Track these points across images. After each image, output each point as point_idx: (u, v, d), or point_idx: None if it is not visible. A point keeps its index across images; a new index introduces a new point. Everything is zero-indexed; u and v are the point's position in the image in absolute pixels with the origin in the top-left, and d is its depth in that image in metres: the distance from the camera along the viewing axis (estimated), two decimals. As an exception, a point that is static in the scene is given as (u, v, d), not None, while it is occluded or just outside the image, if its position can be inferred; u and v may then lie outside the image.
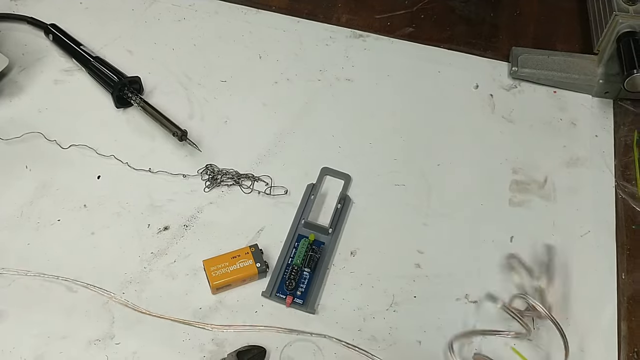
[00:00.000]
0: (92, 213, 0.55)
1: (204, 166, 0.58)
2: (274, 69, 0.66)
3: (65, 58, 0.65)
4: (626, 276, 0.54)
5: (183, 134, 0.58)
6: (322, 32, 0.69)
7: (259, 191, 0.57)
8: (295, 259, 0.53)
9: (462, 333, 0.50)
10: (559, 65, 0.65)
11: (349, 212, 0.57)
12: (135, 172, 0.58)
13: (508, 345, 0.50)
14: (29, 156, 0.58)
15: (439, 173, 0.60)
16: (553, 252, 0.55)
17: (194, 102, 0.63)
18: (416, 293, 0.53)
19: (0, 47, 0.64)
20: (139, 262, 0.53)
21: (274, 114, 0.63)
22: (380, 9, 0.72)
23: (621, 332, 0.51)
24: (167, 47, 0.67)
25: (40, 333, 0.49)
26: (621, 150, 0.61)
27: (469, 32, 0.71)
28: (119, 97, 0.61)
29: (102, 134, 0.60)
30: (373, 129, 0.62)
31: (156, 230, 0.55)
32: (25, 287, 0.51)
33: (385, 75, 0.66)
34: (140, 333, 0.49)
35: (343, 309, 0.51)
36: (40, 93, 0.63)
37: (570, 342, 0.50)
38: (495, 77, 0.67)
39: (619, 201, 0.58)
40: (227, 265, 0.51)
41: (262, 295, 0.51)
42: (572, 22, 0.72)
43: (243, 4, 0.71)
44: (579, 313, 0.52)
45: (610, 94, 0.65)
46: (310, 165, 0.59)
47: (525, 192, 0.59)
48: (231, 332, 0.49)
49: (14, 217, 0.55)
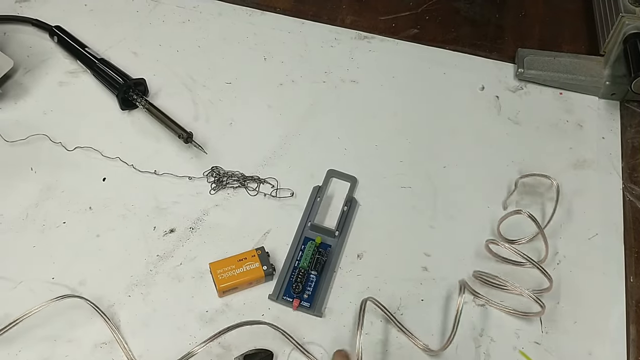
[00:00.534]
0: (97, 215, 0.55)
1: (209, 168, 0.58)
2: (278, 71, 0.66)
3: (70, 60, 0.65)
4: (634, 279, 0.54)
5: (188, 136, 0.58)
6: (327, 33, 0.69)
7: (265, 194, 0.57)
8: (301, 262, 0.53)
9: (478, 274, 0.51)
10: (565, 67, 0.65)
11: (355, 214, 0.57)
12: (141, 174, 0.58)
13: (516, 350, 0.50)
14: (34, 158, 0.58)
15: (445, 175, 0.59)
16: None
17: (199, 104, 0.63)
18: (423, 296, 0.52)
19: (5, 49, 0.64)
20: (144, 265, 0.53)
21: (279, 116, 0.63)
22: (385, 10, 0.72)
23: (630, 336, 0.51)
24: (171, 48, 0.67)
25: (46, 336, 0.49)
26: (628, 152, 0.61)
27: (474, 33, 0.70)
28: (124, 99, 0.61)
29: (107, 136, 0.60)
30: (378, 131, 0.62)
31: (162, 232, 0.54)
32: (30, 290, 0.51)
33: (391, 77, 0.66)
34: (146, 336, 0.49)
35: (350, 312, 0.51)
36: (45, 95, 0.63)
37: (578, 345, 0.50)
38: (501, 79, 0.66)
39: (627, 204, 0.58)
40: (234, 268, 0.51)
41: (269, 299, 0.51)
42: (578, 23, 0.71)
43: (247, 6, 0.71)
44: (587, 316, 0.52)
45: (617, 96, 0.65)
46: (316, 167, 0.59)
47: (532, 194, 0.58)
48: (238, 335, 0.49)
49: (19, 219, 0.55)
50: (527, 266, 0.52)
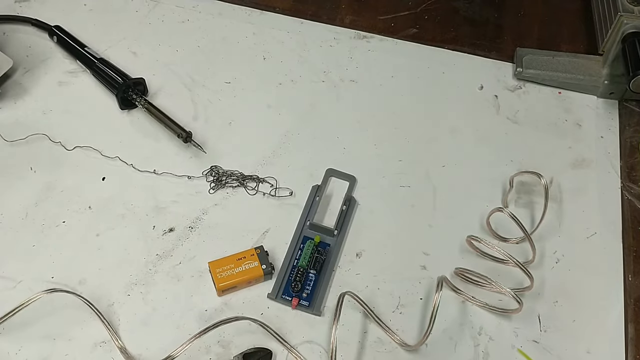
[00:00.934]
0: (97, 215, 0.55)
1: (208, 168, 0.58)
2: (278, 71, 0.66)
3: (69, 60, 0.65)
4: (633, 278, 0.54)
5: (188, 136, 0.58)
6: (326, 33, 0.69)
7: (264, 192, 0.57)
8: (300, 261, 0.53)
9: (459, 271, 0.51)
10: (563, 66, 0.65)
11: (354, 213, 0.57)
12: (140, 173, 0.58)
13: (515, 348, 0.50)
14: (33, 158, 0.58)
15: (444, 174, 0.60)
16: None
17: (198, 104, 0.63)
18: (422, 295, 0.52)
19: (5, 49, 0.64)
20: (144, 264, 0.53)
21: (278, 116, 0.63)
22: (384, 10, 0.72)
23: (628, 334, 0.51)
24: (171, 48, 0.67)
25: (46, 335, 0.49)
26: (627, 151, 0.61)
27: (473, 33, 0.70)
28: (124, 99, 0.61)
29: (107, 135, 0.60)
30: (378, 130, 0.62)
31: (161, 232, 0.55)
32: (29, 289, 0.51)
33: (390, 76, 0.66)
34: (145, 335, 0.49)
35: (349, 310, 0.51)
36: (44, 95, 0.63)
37: (577, 344, 0.50)
38: (500, 78, 0.67)
39: (625, 203, 0.58)
40: (233, 267, 0.51)
41: (268, 298, 0.51)
42: (576, 22, 0.71)
43: (247, 6, 0.71)
44: (585, 315, 0.52)
45: (615, 95, 0.65)
46: (315, 166, 0.59)
47: (531, 193, 0.59)
48: (237, 334, 0.49)
49: (19, 218, 0.55)
50: (510, 264, 0.52)
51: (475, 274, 0.51)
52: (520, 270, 0.50)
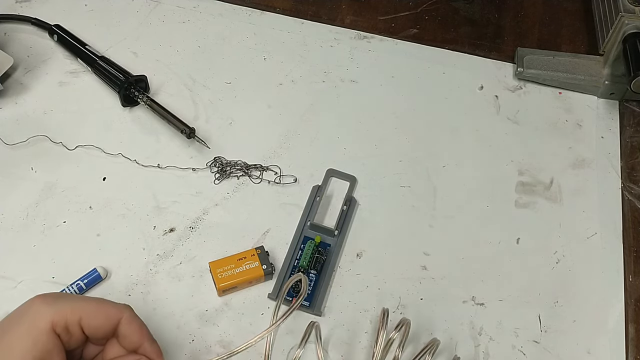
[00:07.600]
0: (97, 214, 0.55)
1: (212, 159, 0.58)
2: (278, 71, 0.66)
3: (70, 60, 0.65)
4: (633, 278, 0.54)
5: (191, 131, 0.58)
6: (327, 33, 0.69)
7: (269, 180, 0.57)
8: (301, 261, 0.53)
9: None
10: (564, 66, 0.65)
11: (355, 213, 0.57)
12: (142, 173, 0.58)
13: (515, 348, 0.50)
14: (34, 158, 0.58)
15: (445, 174, 0.60)
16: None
17: (199, 104, 0.63)
18: (422, 295, 0.53)
19: (5, 49, 0.64)
20: (144, 264, 0.53)
21: (278, 116, 0.63)
22: (384, 10, 0.72)
23: (629, 334, 0.51)
24: (171, 48, 0.67)
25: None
26: (627, 151, 0.61)
27: (474, 33, 0.70)
28: (126, 96, 0.61)
29: (108, 134, 0.60)
30: (378, 131, 0.62)
31: (162, 232, 0.55)
32: (30, 289, 0.51)
33: (390, 77, 0.66)
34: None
35: (349, 311, 0.51)
36: (45, 94, 0.63)
37: (577, 345, 0.50)
38: (500, 78, 0.67)
39: (626, 203, 0.58)
40: (233, 267, 0.51)
41: (269, 298, 0.51)
42: (577, 23, 0.71)
43: (247, 6, 0.71)
44: (585, 316, 0.52)
45: (616, 95, 0.65)
46: (316, 167, 0.59)
47: (531, 193, 0.59)
48: (238, 334, 0.49)
49: (20, 218, 0.55)
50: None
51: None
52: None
